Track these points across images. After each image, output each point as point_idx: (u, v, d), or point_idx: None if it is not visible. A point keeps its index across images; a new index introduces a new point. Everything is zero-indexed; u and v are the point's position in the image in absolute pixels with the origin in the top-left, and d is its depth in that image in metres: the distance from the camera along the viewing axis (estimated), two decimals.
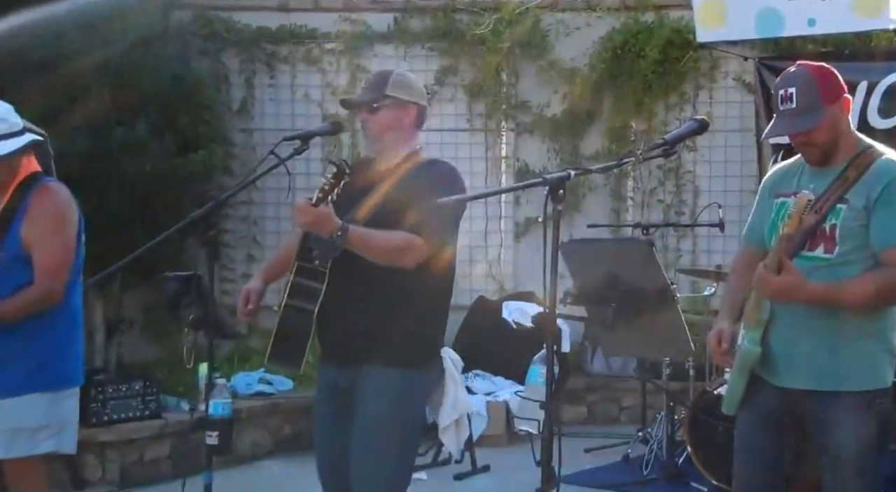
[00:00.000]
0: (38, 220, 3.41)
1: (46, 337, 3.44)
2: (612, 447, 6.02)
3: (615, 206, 7.43)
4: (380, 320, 3.11)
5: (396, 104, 3.22)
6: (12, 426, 3.39)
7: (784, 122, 2.88)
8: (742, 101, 7.21)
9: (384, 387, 3.12)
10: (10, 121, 3.44)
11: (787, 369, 2.91)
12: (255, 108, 7.26)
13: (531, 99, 7.35)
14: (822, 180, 2.89)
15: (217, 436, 3.04)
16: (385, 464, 3.14)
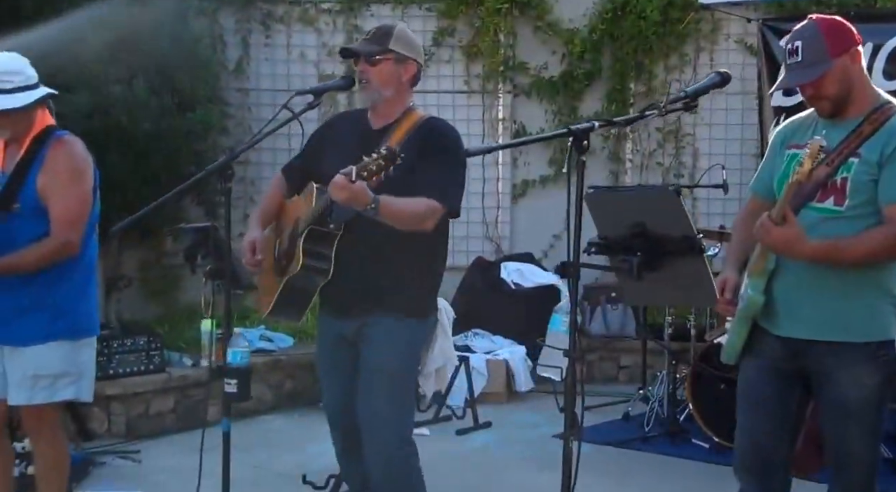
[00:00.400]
0: (54, 172, 3.44)
1: (65, 287, 3.48)
2: (611, 405, 6.06)
3: (614, 168, 7.43)
4: (384, 273, 3.17)
5: (398, 59, 3.22)
6: (33, 373, 3.44)
7: (789, 74, 2.88)
8: (744, 64, 7.17)
9: (389, 336, 3.20)
10: (26, 73, 3.46)
11: (790, 319, 2.89)
12: (251, 68, 7.23)
13: (529, 60, 7.33)
14: (837, 133, 2.87)
15: (236, 384, 3.08)
16: (392, 406, 3.23)
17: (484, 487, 3.89)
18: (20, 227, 3.42)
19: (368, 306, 3.19)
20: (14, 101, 3.40)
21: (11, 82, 3.41)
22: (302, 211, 3.18)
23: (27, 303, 3.43)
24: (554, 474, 4.78)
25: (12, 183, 3.44)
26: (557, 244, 7.29)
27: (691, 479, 4.81)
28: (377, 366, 3.21)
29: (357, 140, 3.21)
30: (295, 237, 3.16)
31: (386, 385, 3.21)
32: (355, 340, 3.27)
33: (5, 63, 3.45)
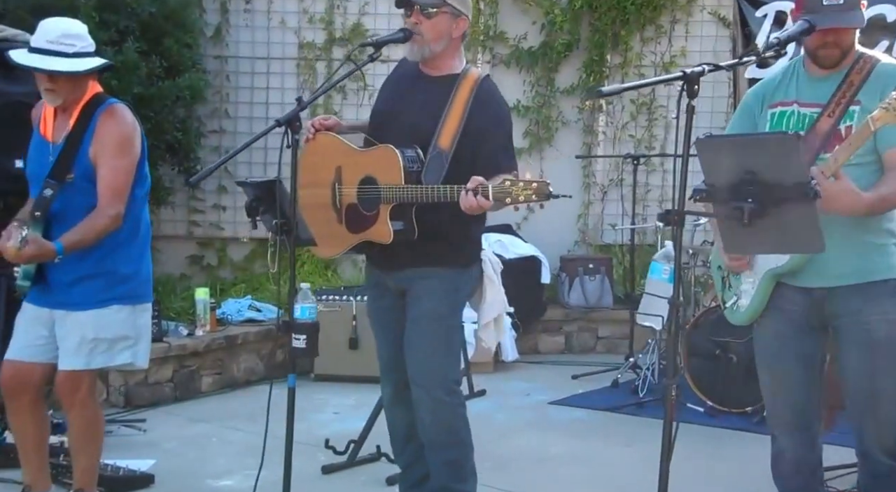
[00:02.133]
0: (102, 142, 3.43)
1: (124, 254, 3.53)
2: (599, 374, 6.19)
3: (587, 140, 7.48)
4: (426, 227, 3.21)
5: (452, 13, 3.24)
6: (93, 337, 3.46)
7: (828, 16, 2.84)
8: (717, 36, 7.31)
9: (432, 286, 3.31)
10: (88, 39, 3.45)
11: (813, 270, 2.91)
12: (230, 34, 7.09)
13: (508, 31, 7.34)
14: (822, 86, 2.92)
15: (304, 339, 3.06)
16: (438, 354, 3.34)
17: (490, 451, 3.97)
18: (76, 196, 3.44)
19: (411, 260, 3.28)
20: (75, 65, 3.37)
21: (73, 46, 3.38)
22: (376, 170, 3.21)
23: (89, 270, 3.45)
24: (555, 437, 4.99)
25: (66, 153, 3.43)
26: (531, 216, 7.35)
27: (689, 441, 4.82)
28: (422, 315, 3.30)
29: (414, 85, 3.32)
30: (375, 201, 3.20)
31: (432, 333, 3.31)
32: (401, 291, 3.37)
33: (69, 26, 3.44)
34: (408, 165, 3.15)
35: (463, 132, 3.20)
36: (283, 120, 2.97)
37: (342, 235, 3.34)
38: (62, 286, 3.47)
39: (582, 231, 7.50)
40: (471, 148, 3.18)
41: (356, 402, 5.40)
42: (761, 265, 3.00)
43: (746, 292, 3.06)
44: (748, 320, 3.10)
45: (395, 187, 3.13)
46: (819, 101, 2.91)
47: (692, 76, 2.53)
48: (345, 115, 7.05)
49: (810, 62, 2.97)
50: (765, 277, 3.00)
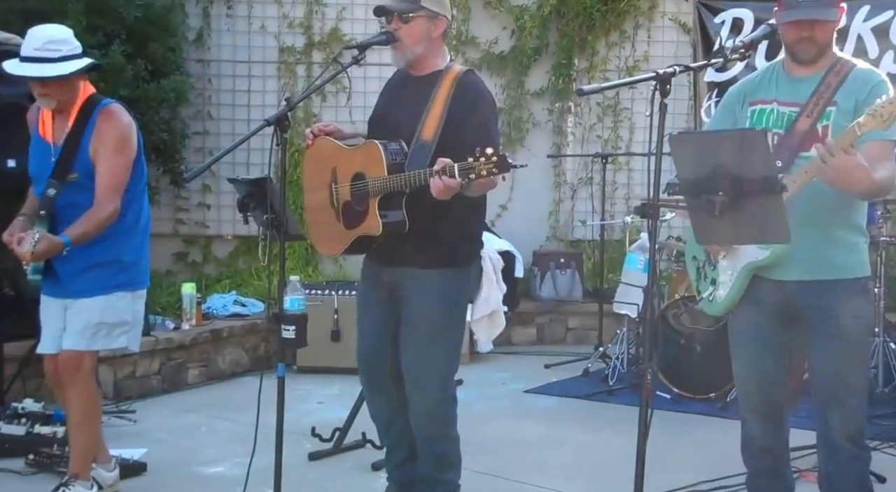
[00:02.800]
0: (101, 140, 3.61)
1: (126, 243, 3.74)
2: (570, 363, 6.45)
3: (557, 140, 7.74)
4: (424, 225, 3.28)
5: (429, 16, 3.34)
6: (98, 321, 3.69)
7: (803, 7, 2.92)
8: (677, 41, 7.61)
9: (431, 285, 3.37)
10: (72, 43, 3.60)
11: (786, 263, 3.00)
12: (212, 38, 7.25)
13: (480, 36, 7.56)
14: (800, 86, 3.00)
15: (294, 330, 3.18)
16: (436, 352, 3.41)
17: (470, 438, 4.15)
18: (79, 193, 3.62)
19: (409, 258, 3.35)
20: (62, 68, 3.53)
21: (59, 51, 3.54)
22: (364, 165, 3.31)
23: (96, 258, 3.66)
24: (531, 423, 5.23)
25: (67, 153, 3.61)
26: (504, 213, 7.61)
27: (657, 426, 5.07)
28: (420, 313, 3.37)
29: (403, 87, 3.44)
30: (364, 195, 3.29)
31: (427, 332, 3.38)
32: (396, 287, 3.43)
33: (53, 33, 3.60)
34: (390, 157, 3.23)
35: (445, 122, 3.26)
36: (273, 119, 3.09)
37: (341, 233, 3.42)
38: (72, 276, 3.67)
39: (553, 227, 7.76)
40: (454, 137, 3.23)
41: (339, 392, 5.60)
42: (740, 259, 3.08)
43: (724, 284, 3.14)
44: (724, 311, 3.19)
45: (378, 179, 3.22)
46: (797, 101, 2.99)
47: (664, 76, 2.66)
48: (324, 116, 7.26)
49: (790, 62, 3.06)
50: (743, 269, 3.08)
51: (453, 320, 3.47)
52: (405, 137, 3.31)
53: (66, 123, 3.64)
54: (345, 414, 4.71)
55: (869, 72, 3.01)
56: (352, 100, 7.26)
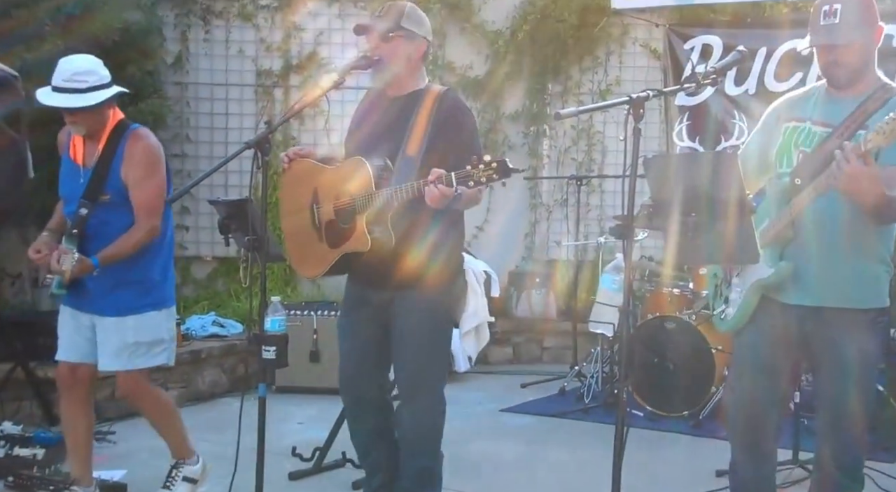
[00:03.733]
0: (133, 164, 3.78)
1: (156, 263, 3.88)
2: (546, 382, 6.54)
3: (533, 163, 7.85)
4: (407, 247, 3.30)
5: (409, 37, 3.38)
6: (133, 341, 3.83)
7: (822, 33, 2.89)
8: (648, 67, 7.76)
9: (418, 304, 3.40)
10: (99, 73, 3.79)
11: (799, 287, 2.97)
12: (190, 62, 7.32)
13: (456, 60, 7.68)
14: (839, 108, 2.94)
15: (274, 351, 3.22)
16: (426, 369, 3.46)
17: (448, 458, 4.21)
18: (112, 215, 3.78)
19: (396, 277, 3.34)
20: (87, 99, 3.72)
21: (86, 82, 3.73)
22: (348, 183, 3.29)
23: (126, 277, 3.80)
24: (508, 442, 5.28)
25: (98, 175, 3.78)
26: (480, 234, 7.70)
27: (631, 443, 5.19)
28: (411, 330, 3.40)
29: (380, 107, 3.46)
30: (351, 213, 3.28)
31: (420, 347, 3.41)
32: (385, 307, 3.43)
33: (80, 64, 3.78)
34: (377, 173, 3.22)
35: (429, 139, 3.27)
36: (253, 142, 3.14)
37: (324, 253, 3.40)
38: (101, 293, 3.80)
39: (529, 248, 7.87)
40: (438, 151, 3.23)
41: (319, 412, 5.64)
42: (750, 276, 3.06)
43: (734, 302, 3.13)
44: (732, 329, 3.17)
45: (366, 195, 3.20)
46: (832, 122, 2.95)
47: (638, 101, 2.69)
48: (302, 140, 7.35)
49: (829, 84, 3.01)
50: (751, 287, 3.06)
51: (442, 335, 3.51)
52: (388, 154, 3.31)
53: (96, 147, 3.82)
54: (325, 434, 4.74)
55: None
56: (330, 122, 7.29)
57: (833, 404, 3.03)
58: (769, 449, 3.19)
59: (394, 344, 3.45)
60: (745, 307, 3.09)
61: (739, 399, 3.19)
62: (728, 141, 6.74)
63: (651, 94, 2.76)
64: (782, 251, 3.00)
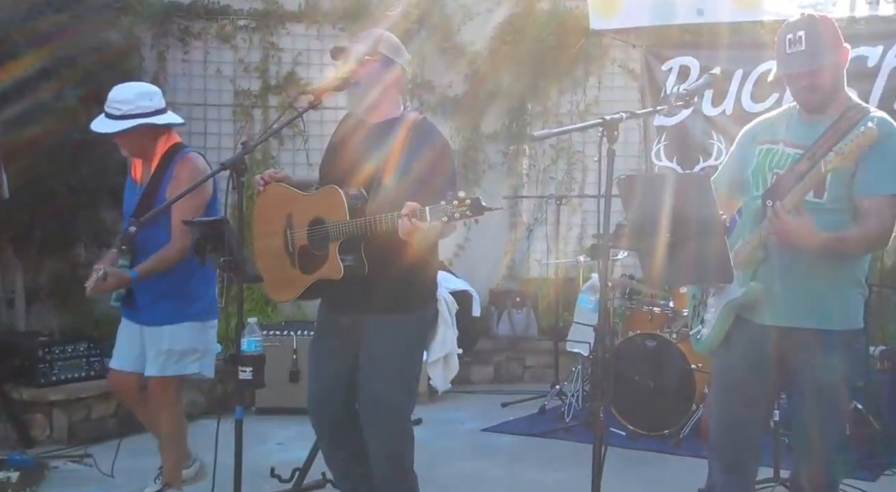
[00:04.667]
0: (178, 184, 3.95)
1: (194, 278, 4.04)
2: (527, 401, 6.51)
3: (512, 182, 7.87)
4: (379, 273, 3.27)
5: (386, 62, 3.37)
6: (167, 348, 4.05)
7: (793, 61, 2.92)
8: (626, 87, 7.78)
9: (389, 331, 3.37)
10: (136, 103, 4.01)
11: (773, 308, 2.98)
12: (168, 82, 7.28)
13: (435, 79, 7.70)
14: (811, 130, 2.97)
15: (251, 371, 3.21)
16: (394, 393, 3.40)
17: (429, 477, 4.19)
18: (160, 231, 3.96)
19: (367, 303, 3.33)
20: (111, 126, 3.99)
21: (119, 110, 3.99)
22: (323, 210, 3.29)
23: (165, 290, 4.02)
24: (488, 462, 5.26)
25: (148, 194, 4.03)
26: (461, 253, 7.70)
27: (612, 463, 5.19)
28: (379, 356, 3.36)
29: (356, 134, 3.44)
30: (325, 240, 3.26)
31: (387, 374, 3.36)
32: (354, 333, 3.40)
33: (119, 93, 4.04)
34: (352, 201, 3.21)
35: (405, 167, 3.25)
36: (229, 163, 3.14)
37: (296, 278, 3.39)
38: (146, 305, 4.08)
39: (510, 266, 7.87)
40: (413, 180, 3.21)
41: (298, 433, 5.58)
42: (723, 297, 3.06)
43: (709, 322, 3.14)
44: (707, 350, 3.18)
45: (340, 223, 3.20)
46: (804, 143, 2.98)
47: (611, 123, 2.73)
48: (282, 160, 7.34)
49: (802, 109, 3.05)
50: (724, 308, 3.07)
51: (411, 363, 3.48)
52: (363, 182, 3.29)
53: (150, 167, 4.09)
54: (304, 454, 4.70)
55: (883, 121, 2.96)
56: (309, 143, 7.34)
57: (807, 425, 3.03)
58: (750, 469, 3.20)
59: (361, 370, 3.40)
60: (718, 328, 3.09)
61: (719, 420, 3.19)
62: (706, 161, 6.77)
63: (624, 116, 2.78)
64: (754, 272, 3.02)
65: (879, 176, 2.89)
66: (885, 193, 2.90)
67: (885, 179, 2.89)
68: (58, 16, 5.95)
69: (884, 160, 2.89)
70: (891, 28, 6.61)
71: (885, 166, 2.89)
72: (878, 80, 6.03)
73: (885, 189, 2.90)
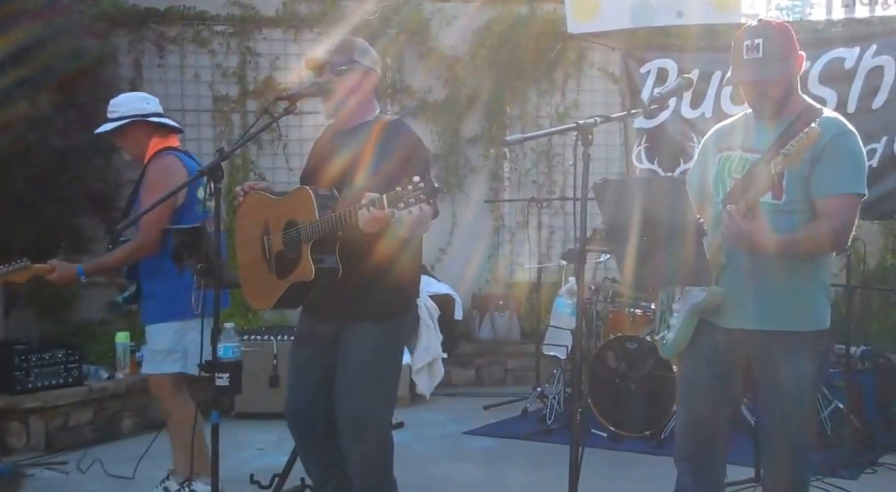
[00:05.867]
0: (146, 183, 4.14)
1: (177, 280, 4.03)
2: (508, 404, 6.50)
3: (494, 185, 7.86)
4: (359, 280, 3.25)
5: (361, 69, 3.38)
6: (151, 348, 4.21)
7: (749, 69, 2.95)
8: (606, 90, 7.79)
9: (368, 338, 3.33)
10: (129, 105, 4.27)
11: (736, 311, 2.99)
12: (145, 88, 7.20)
13: (414, 84, 7.69)
14: (766, 134, 3.00)
15: (227, 378, 3.20)
16: (372, 403, 3.35)
17: (411, 481, 4.17)
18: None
19: (346, 313, 3.31)
20: (107, 126, 4.25)
21: (115, 112, 4.26)
22: (295, 212, 3.26)
23: (149, 292, 4.17)
24: (470, 465, 5.25)
25: (131, 197, 4.28)
26: (443, 256, 7.69)
27: (595, 464, 5.23)
28: (357, 364, 3.31)
29: (332, 141, 3.44)
30: (297, 242, 3.23)
31: (365, 382, 3.32)
32: (333, 340, 3.37)
33: (118, 98, 4.36)
34: (321, 201, 3.17)
35: (376, 166, 3.23)
36: (206, 170, 3.12)
37: (273, 284, 3.34)
38: (140, 305, 4.26)
39: (492, 270, 7.84)
40: (384, 178, 3.16)
41: (279, 437, 5.55)
42: (686, 300, 3.09)
43: (674, 326, 3.15)
44: (673, 354, 3.20)
45: (310, 223, 3.16)
46: (760, 147, 3.00)
47: (585, 127, 2.71)
48: (261, 164, 7.31)
49: (756, 115, 3.08)
50: (689, 311, 3.09)
51: (389, 370, 3.44)
52: (335, 183, 3.28)
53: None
54: (284, 460, 4.65)
55: (832, 121, 2.99)
56: (288, 147, 7.32)
57: (773, 427, 3.04)
58: (716, 471, 3.20)
59: (339, 378, 3.36)
60: (683, 332, 3.11)
61: (685, 422, 3.19)
62: (687, 163, 6.76)
63: (598, 120, 2.78)
64: (717, 276, 3.02)
65: (833, 176, 2.92)
66: (837, 193, 2.93)
67: (837, 180, 2.93)
68: (32, 23, 5.91)
69: (836, 161, 2.93)
70: (867, 30, 6.64)
71: (838, 166, 2.93)
72: (856, 81, 6.05)
73: (837, 189, 2.93)
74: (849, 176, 2.94)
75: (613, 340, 5.71)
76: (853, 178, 2.95)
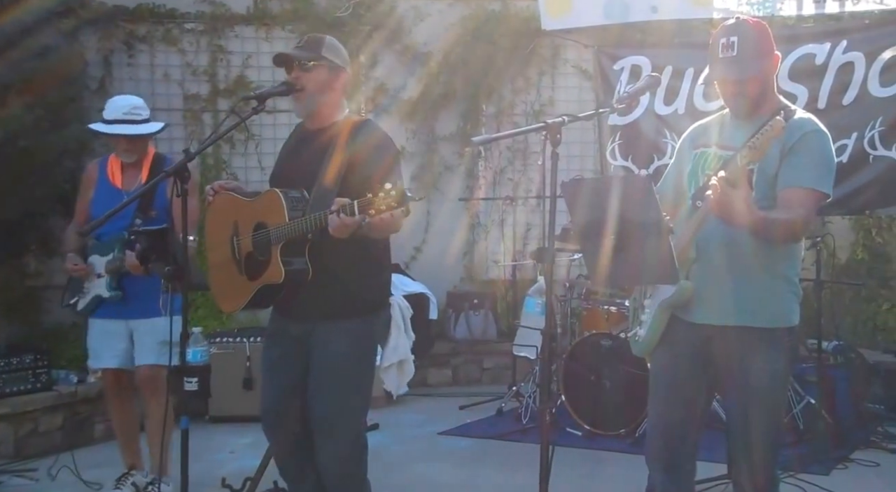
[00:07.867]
0: None
1: None
2: (484, 404, 6.48)
3: (469, 183, 7.83)
4: (330, 278, 3.23)
5: (330, 66, 3.34)
6: (162, 340, 4.18)
7: (724, 67, 2.95)
8: (580, 87, 7.80)
9: (340, 336, 3.30)
10: (147, 109, 4.49)
11: (703, 306, 2.99)
12: (114, 87, 7.15)
13: (388, 82, 7.65)
14: (740, 131, 2.99)
15: (196, 382, 3.15)
16: (345, 403, 3.33)
17: (385, 480, 4.16)
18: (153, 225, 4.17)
19: (317, 309, 3.28)
20: (148, 128, 4.45)
21: (140, 115, 4.44)
22: (265, 214, 3.25)
23: (156, 285, 4.22)
24: (445, 465, 5.23)
25: (147, 194, 4.26)
26: (418, 255, 7.66)
27: (570, 463, 5.24)
28: (330, 363, 3.28)
29: (302, 142, 3.41)
30: (266, 244, 3.21)
31: (338, 382, 3.29)
32: (305, 340, 3.34)
33: (134, 101, 4.49)
34: (291, 204, 3.15)
35: (346, 168, 3.21)
36: (172, 170, 3.08)
37: (243, 286, 3.33)
38: (139, 298, 4.31)
39: (468, 268, 7.82)
40: (356, 181, 3.17)
41: (252, 441, 5.49)
42: (657, 296, 3.07)
43: (645, 322, 3.14)
44: (644, 351, 3.18)
45: (279, 226, 3.15)
46: (734, 144, 2.97)
47: (553, 126, 2.71)
48: (233, 164, 7.25)
49: (732, 114, 3.08)
50: (658, 307, 3.08)
51: (363, 369, 3.40)
52: (306, 186, 3.25)
53: (137, 173, 4.45)
54: (257, 463, 4.62)
55: (805, 121, 3.00)
56: (261, 146, 7.27)
57: (740, 424, 3.04)
58: (687, 468, 3.19)
59: (311, 378, 3.33)
60: (654, 328, 3.10)
61: (655, 420, 3.18)
62: (661, 160, 6.76)
63: (566, 119, 2.77)
64: (687, 272, 3.01)
65: (800, 170, 2.93)
66: (804, 186, 2.93)
67: (806, 174, 2.93)
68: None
69: (805, 156, 2.93)
70: (837, 26, 6.66)
71: (806, 161, 2.94)
72: (826, 77, 6.07)
73: (805, 182, 2.93)
74: (816, 173, 2.94)
75: (588, 338, 5.70)
76: (820, 175, 2.95)
